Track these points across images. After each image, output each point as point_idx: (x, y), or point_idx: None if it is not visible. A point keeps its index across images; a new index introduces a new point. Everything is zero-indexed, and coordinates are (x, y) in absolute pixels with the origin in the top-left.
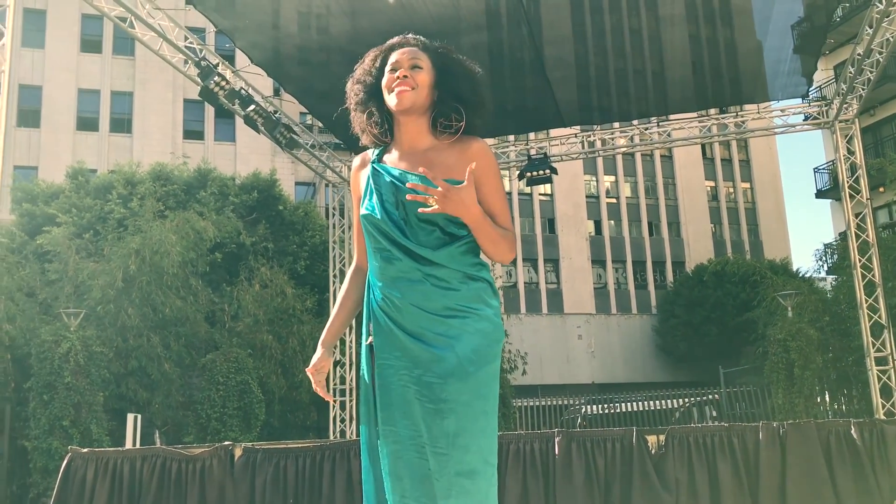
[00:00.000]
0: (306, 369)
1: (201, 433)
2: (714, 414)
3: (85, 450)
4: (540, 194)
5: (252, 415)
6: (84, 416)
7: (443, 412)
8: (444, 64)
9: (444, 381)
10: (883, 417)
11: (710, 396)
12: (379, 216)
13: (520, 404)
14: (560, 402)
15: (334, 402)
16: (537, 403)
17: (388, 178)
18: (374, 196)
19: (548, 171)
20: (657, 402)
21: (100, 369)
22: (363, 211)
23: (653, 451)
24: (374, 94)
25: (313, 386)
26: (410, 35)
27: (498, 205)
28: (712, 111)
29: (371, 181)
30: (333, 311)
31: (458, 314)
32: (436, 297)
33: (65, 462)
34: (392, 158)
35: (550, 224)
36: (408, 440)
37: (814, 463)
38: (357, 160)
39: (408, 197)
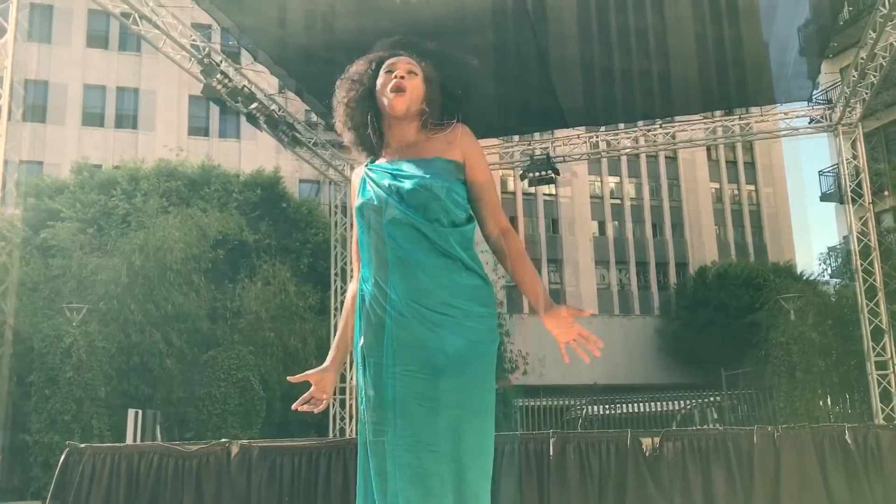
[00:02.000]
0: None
1: (202, 429)
2: (716, 416)
3: (83, 445)
4: (544, 194)
5: (253, 411)
6: (85, 410)
7: (435, 410)
8: (437, 66)
9: (436, 380)
10: (880, 422)
11: (712, 399)
12: (374, 203)
13: (521, 404)
14: (562, 403)
15: (316, 410)
16: (539, 404)
17: (382, 171)
18: (369, 186)
19: (550, 172)
20: (659, 403)
21: (102, 364)
22: (358, 202)
23: (647, 454)
24: (367, 96)
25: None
26: (402, 38)
27: (487, 175)
28: (718, 113)
29: (366, 179)
30: (339, 331)
31: (452, 311)
32: (432, 290)
33: (62, 457)
34: (384, 158)
35: (554, 224)
36: (399, 439)
37: (808, 468)
38: (353, 177)
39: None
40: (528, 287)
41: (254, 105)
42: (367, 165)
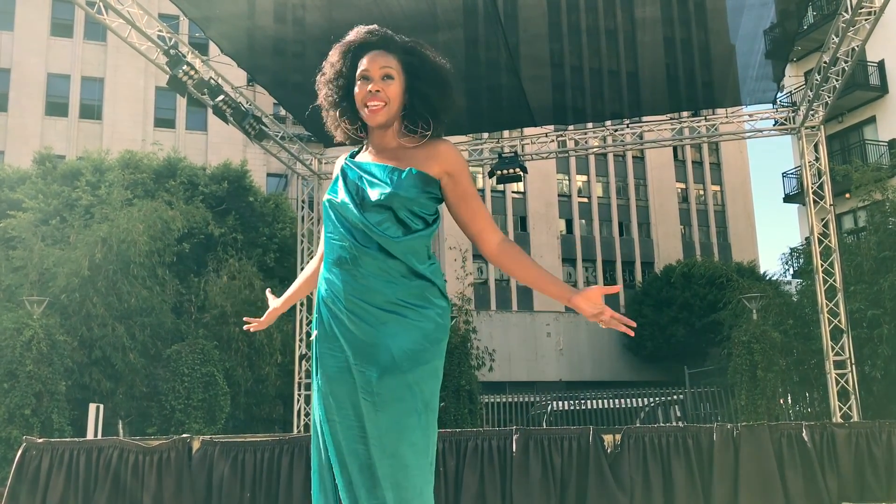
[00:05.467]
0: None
1: (165, 424)
2: (678, 414)
3: (40, 440)
4: (513, 192)
5: (217, 407)
6: (46, 405)
7: (376, 405)
8: (413, 67)
9: (378, 376)
10: (837, 420)
11: (675, 396)
12: (338, 199)
13: (487, 400)
14: (527, 399)
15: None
16: (505, 400)
17: (356, 170)
18: (339, 183)
19: (518, 169)
20: (623, 400)
21: (63, 358)
22: (326, 196)
23: (609, 451)
24: (346, 96)
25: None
26: (376, 28)
27: (476, 202)
28: (684, 114)
29: (339, 173)
30: (295, 284)
31: (398, 309)
32: (379, 289)
33: (19, 452)
34: (363, 157)
35: (522, 222)
36: (349, 430)
37: (765, 464)
38: (336, 163)
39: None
40: (548, 284)
41: (220, 98)
42: (347, 157)
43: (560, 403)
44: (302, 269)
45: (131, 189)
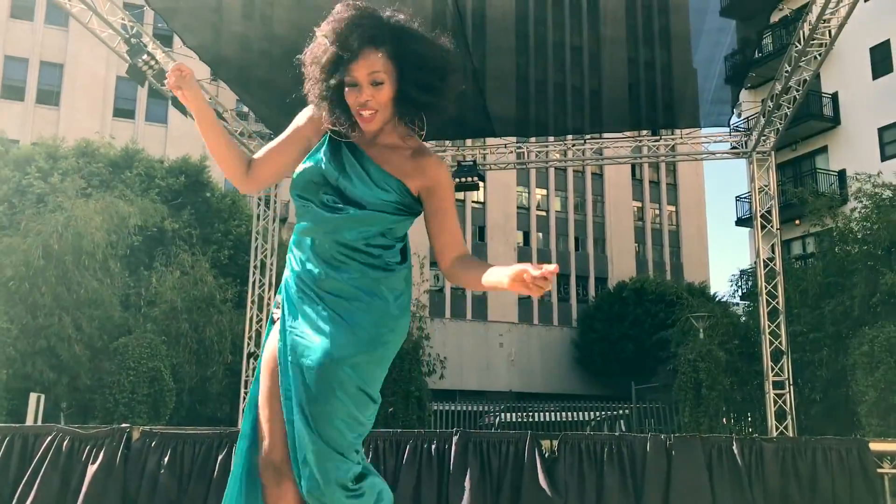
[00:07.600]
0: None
1: (108, 418)
2: (623, 429)
3: None
4: (473, 202)
5: (161, 402)
6: None
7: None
8: (404, 58)
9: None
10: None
11: (622, 411)
12: (324, 168)
13: (436, 408)
14: (477, 409)
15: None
16: (454, 408)
17: (341, 154)
18: (326, 154)
19: (475, 178)
20: (571, 413)
21: (4, 346)
22: (308, 164)
23: (546, 455)
24: (335, 92)
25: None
26: (365, 14)
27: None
28: (644, 132)
29: (327, 144)
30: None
31: (366, 294)
32: (354, 271)
33: None
34: (354, 137)
35: (481, 232)
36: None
37: (697, 476)
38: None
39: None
40: (486, 272)
41: None
42: (332, 130)
43: (509, 415)
44: (255, 266)
45: (86, 179)
